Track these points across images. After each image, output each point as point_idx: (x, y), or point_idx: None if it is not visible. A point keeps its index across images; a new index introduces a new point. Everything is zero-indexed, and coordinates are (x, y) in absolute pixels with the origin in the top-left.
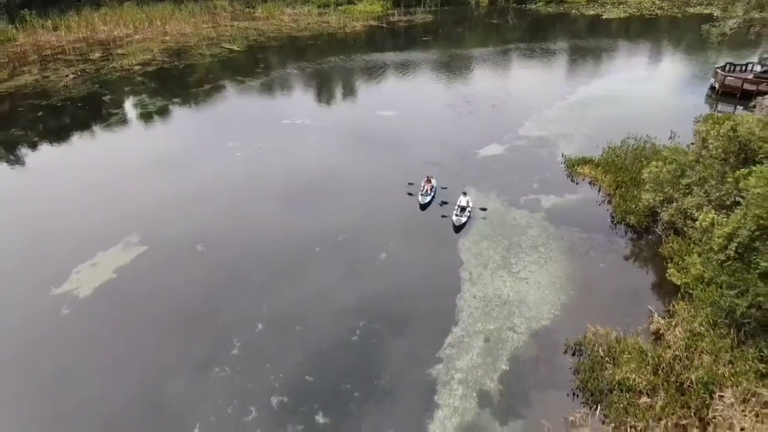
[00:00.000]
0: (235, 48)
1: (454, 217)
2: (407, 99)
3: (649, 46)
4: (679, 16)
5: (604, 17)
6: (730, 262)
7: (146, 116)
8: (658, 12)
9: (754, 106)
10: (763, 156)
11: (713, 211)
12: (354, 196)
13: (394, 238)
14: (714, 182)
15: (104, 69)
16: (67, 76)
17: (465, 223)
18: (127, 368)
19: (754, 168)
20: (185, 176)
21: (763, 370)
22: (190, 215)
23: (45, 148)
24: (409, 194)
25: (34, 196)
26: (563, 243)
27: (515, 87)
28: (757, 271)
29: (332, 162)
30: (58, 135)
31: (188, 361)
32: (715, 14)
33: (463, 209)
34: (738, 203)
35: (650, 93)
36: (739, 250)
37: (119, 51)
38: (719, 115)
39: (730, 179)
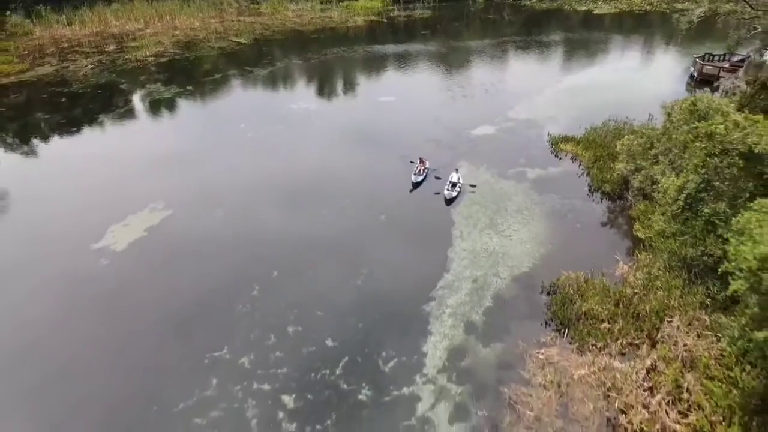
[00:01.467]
0: (242, 41)
1: (446, 192)
2: (406, 87)
3: (637, 39)
4: (668, 11)
5: (595, 12)
6: (680, 212)
7: (162, 102)
8: (648, 8)
9: (718, 87)
10: None
11: (674, 175)
12: (356, 171)
13: (393, 205)
14: (677, 151)
15: (119, 60)
16: (85, 66)
17: (455, 197)
18: (161, 305)
19: (697, 124)
20: (202, 152)
21: (708, 303)
22: (208, 185)
23: (71, 130)
24: (411, 162)
25: (66, 171)
26: (545, 207)
27: (508, 76)
28: (702, 218)
29: (336, 141)
30: (82, 118)
31: (214, 300)
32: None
33: (454, 185)
34: None
35: (635, 81)
36: (688, 201)
37: (132, 44)
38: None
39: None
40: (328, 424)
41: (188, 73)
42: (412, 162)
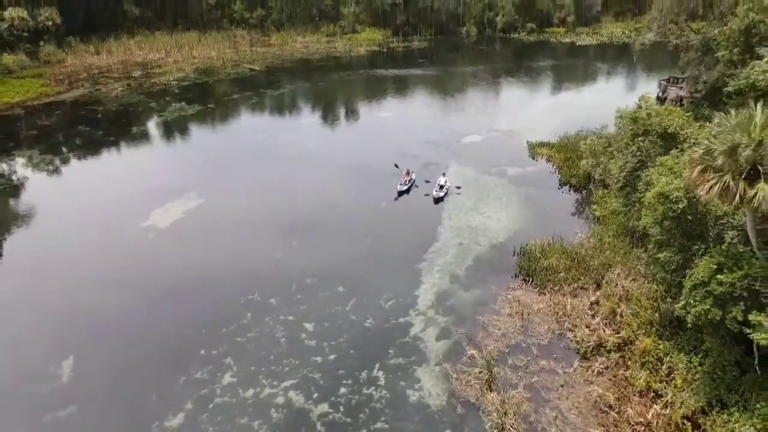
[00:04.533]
0: (256, 68)
1: (434, 193)
2: (403, 105)
3: (614, 66)
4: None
5: (578, 44)
6: (622, 188)
7: (188, 117)
8: (626, 39)
9: (666, 98)
10: None
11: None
12: (359, 171)
13: (391, 195)
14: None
15: (146, 84)
16: (116, 89)
17: (443, 197)
18: (201, 265)
19: (623, 113)
20: (225, 155)
21: (644, 257)
22: (233, 179)
23: (110, 139)
24: (396, 165)
25: (110, 171)
26: (520, 196)
27: (496, 95)
28: (638, 191)
29: (341, 149)
30: (119, 130)
31: (244, 261)
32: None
33: (441, 187)
34: None
35: (607, 101)
36: (627, 178)
37: (156, 70)
38: None
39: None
40: (341, 341)
41: (209, 94)
42: (397, 166)
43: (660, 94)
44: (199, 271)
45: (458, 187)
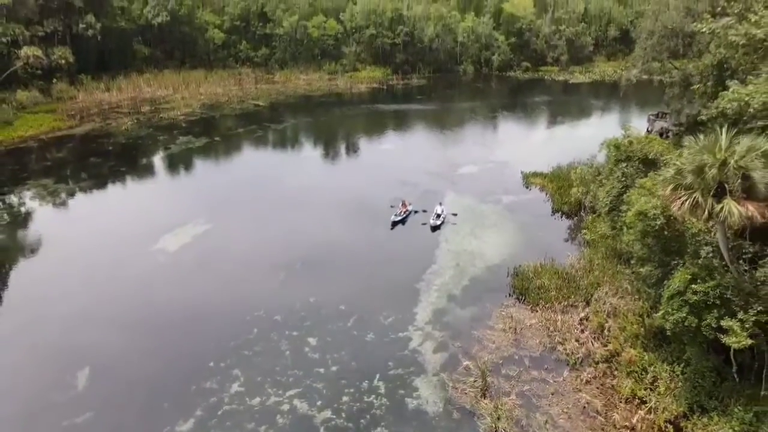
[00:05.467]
0: (260, 103)
1: (431, 221)
2: (402, 138)
3: (606, 102)
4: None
5: (571, 82)
6: (609, 211)
7: (194, 150)
8: (617, 78)
9: (652, 130)
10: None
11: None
12: (361, 200)
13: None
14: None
15: (155, 118)
16: (126, 123)
17: (440, 225)
18: (208, 286)
19: (608, 141)
20: (230, 183)
21: (631, 275)
22: (239, 208)
23: (121, 170)
24: (392, 207)
25: (122, 198)
26: (515, 223)
27: (492, 129)
28: (622, 216)
29: (343, 177)
30: (129, 161)
31: (249, 282)
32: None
33: (438, 215)
34: None
35: (599, 134)
36: (613, 202)
37: (164, 106)
38: None
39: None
40: (343, 354)
41: (215, 128)
42: (392, 207)
43: (649, 128)
44: (206, 291)
45: (455, 215)
